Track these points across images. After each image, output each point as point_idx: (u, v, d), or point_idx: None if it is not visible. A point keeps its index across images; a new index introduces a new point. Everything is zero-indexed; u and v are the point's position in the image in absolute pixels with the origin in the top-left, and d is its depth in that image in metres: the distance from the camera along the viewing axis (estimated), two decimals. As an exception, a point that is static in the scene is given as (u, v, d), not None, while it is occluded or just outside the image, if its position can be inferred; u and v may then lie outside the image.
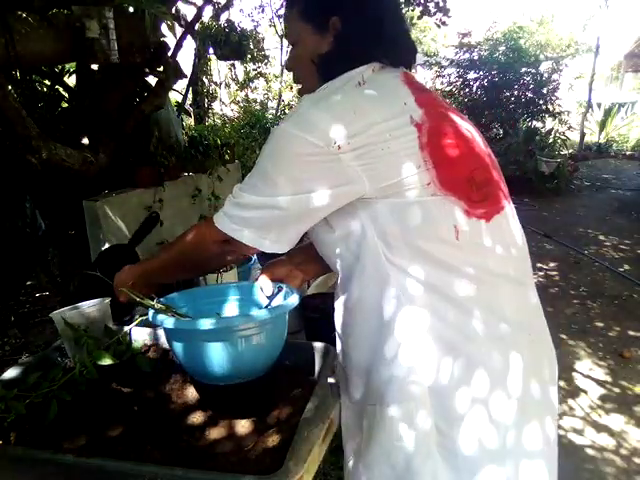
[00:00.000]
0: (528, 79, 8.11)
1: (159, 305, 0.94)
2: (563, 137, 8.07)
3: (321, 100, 0.81)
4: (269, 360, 0.94)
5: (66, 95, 2.33)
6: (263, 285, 1.00)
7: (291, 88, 9.19)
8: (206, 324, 0.83)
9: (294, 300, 0.92)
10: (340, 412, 0.96)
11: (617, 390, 2.59)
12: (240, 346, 0.88)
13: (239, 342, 0.88)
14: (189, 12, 3.77)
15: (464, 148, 0.83)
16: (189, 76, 4.21)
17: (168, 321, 0.86)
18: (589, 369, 2.79)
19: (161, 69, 2.19)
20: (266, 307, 0.97)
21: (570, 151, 9.21)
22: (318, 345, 1.04)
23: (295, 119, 0.80)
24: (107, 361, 0.92)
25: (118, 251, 1.57)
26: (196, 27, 3.76)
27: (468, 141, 0.85)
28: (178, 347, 0.91)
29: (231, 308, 1.07)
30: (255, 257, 2.03)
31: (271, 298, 0.98)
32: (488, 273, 0.82)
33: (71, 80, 2.43)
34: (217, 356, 0.87)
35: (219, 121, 6.84)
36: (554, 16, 14.00)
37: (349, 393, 0.93)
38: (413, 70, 0.96)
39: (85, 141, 2.12)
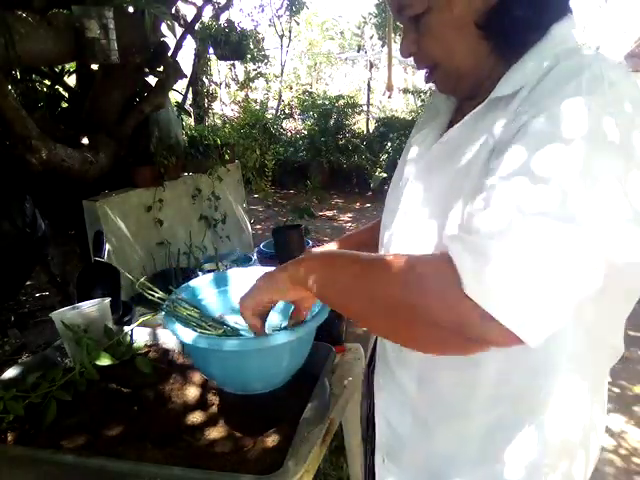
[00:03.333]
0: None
1: (181, 308, 0.86)
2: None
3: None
4: (298, 367, 0.91)
5: (66, 95, 2.33)
6: None
7: (291, 88, 9.20)
8: (243, 344, 0.77)
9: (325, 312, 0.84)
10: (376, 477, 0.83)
11: (617, 390, 2.59)
12: (278, 358, 0.84)
13: (279, 356, 0.84)
14: (189, 12, 3.78)
15: None
16: (189, 76, 4.21)
17: (201, 340, 0.77)
18: (589, 369, 2.79)
19: (161, 69, 2.19)
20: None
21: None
22: (319, 345, 1.04)
23: None
24: (106, 361, 0.93)
25: (98, 267, 1.60)
26: (196, 27, 3.77)
27: None
28: (202, 359, 0.86)
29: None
30: (255, 257, 2.02)
31: None
32: None
33: (71, 80, 2.43)
34: (253, 369, 0.83)
35: (219, 121, 6.84)
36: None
37: (404, 467, 0.78)
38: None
39: (85, 141, 2.12)
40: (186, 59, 5.33)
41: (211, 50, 4.63)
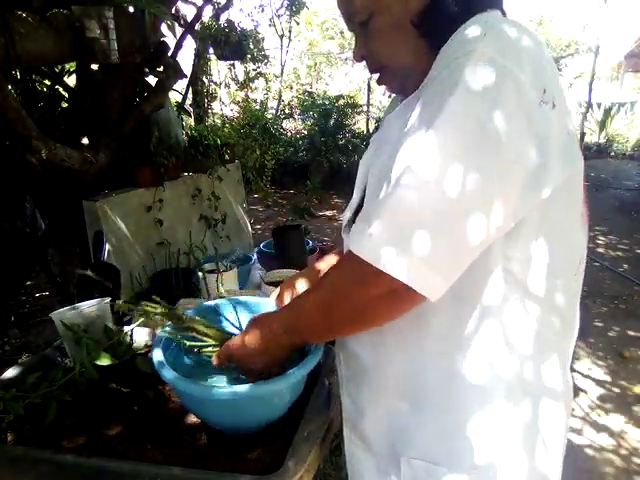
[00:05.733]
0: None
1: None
2: (563, 137, 8.04)
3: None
4: (289, 405, 0.87)
5: (66, 95, 2.33)
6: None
7: (291, 88, 9.20)
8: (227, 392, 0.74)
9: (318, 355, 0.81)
10: (345, 453, 0.87)
11: (617, 390, 2.59)
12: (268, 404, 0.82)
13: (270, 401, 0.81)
14: (189, 12, 3.78)
15: None
16: (189, 76, 4.20)
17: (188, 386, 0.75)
18: (589, 369, 2.79)
19: (161, 69, 2.19)
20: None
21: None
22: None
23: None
24: (106, 361, 0.93)
25: (98, 267, 1.59)
26: (196, 27, 3.76)
27: None
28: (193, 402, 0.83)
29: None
30: (255, 257, 2.02)
31: None
32: None
33: (71, 80, 2.43)
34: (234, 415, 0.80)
35: (219, 121, 6.84)
36: (554, 16, 14.04)
37: (366, 438, 0.79)
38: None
39: (85, 141, 2.12)
40: (186, 59, 5.33)
41: (211, 50, 4.62)
